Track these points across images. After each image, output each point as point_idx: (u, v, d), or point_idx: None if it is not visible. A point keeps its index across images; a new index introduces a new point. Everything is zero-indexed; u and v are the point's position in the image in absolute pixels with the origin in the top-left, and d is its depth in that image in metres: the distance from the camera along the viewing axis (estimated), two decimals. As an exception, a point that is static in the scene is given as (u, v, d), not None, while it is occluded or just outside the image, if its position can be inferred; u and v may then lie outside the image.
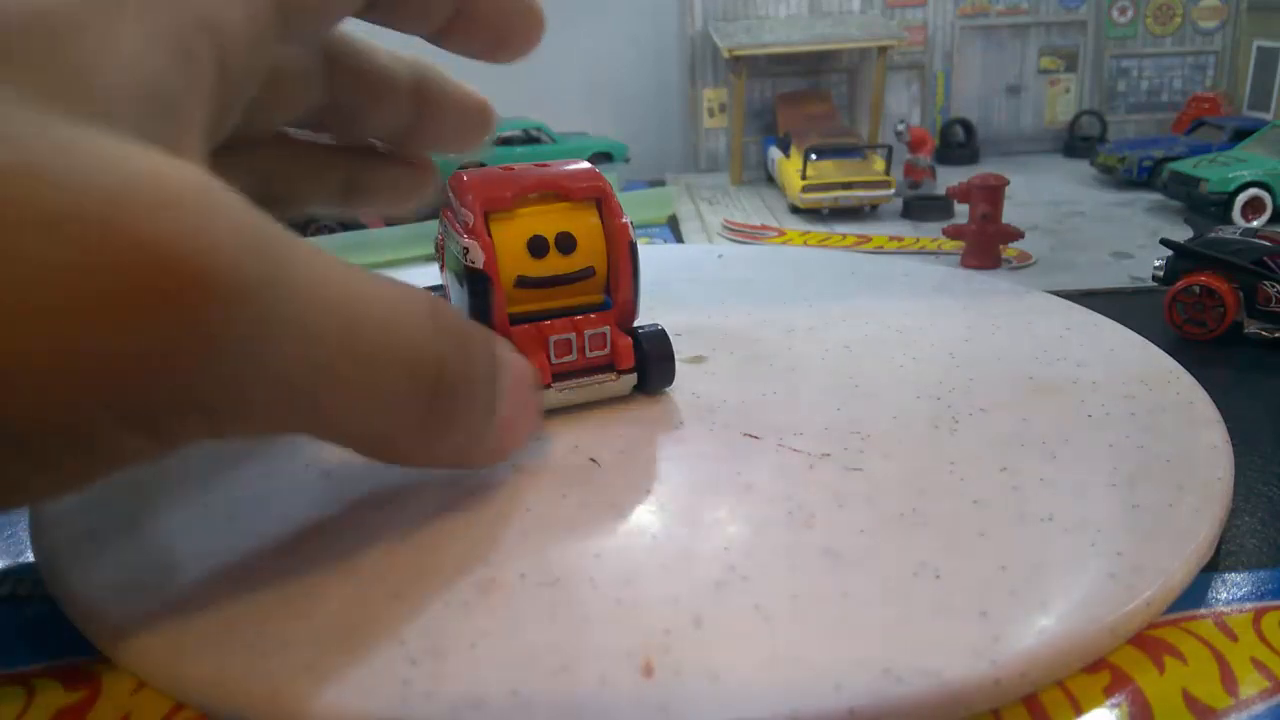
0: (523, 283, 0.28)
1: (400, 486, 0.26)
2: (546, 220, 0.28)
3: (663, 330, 0.30)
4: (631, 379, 0.29)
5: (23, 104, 0.14)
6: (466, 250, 0.27)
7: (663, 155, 0.83)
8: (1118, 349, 0.34)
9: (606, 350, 0.29)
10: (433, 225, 0.55)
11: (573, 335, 0.28)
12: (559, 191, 0.28)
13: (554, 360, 0.28)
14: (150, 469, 0.27)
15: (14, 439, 0.14)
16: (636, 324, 0.30)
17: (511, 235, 0.27)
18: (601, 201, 0.29)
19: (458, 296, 0.29)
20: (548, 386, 0.28)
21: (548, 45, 0.27)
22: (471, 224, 0.27)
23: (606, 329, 0.29)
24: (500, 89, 0.85)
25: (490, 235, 0.27)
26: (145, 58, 0.16)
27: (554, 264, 0.28)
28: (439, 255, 0.31)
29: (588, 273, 0.29)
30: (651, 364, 0.29)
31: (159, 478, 0.26)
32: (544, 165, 0.29)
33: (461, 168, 0.29)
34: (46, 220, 0.13)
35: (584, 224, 0.28)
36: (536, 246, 0.28)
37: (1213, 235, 0.40)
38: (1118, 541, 0.22)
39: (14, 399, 0.14)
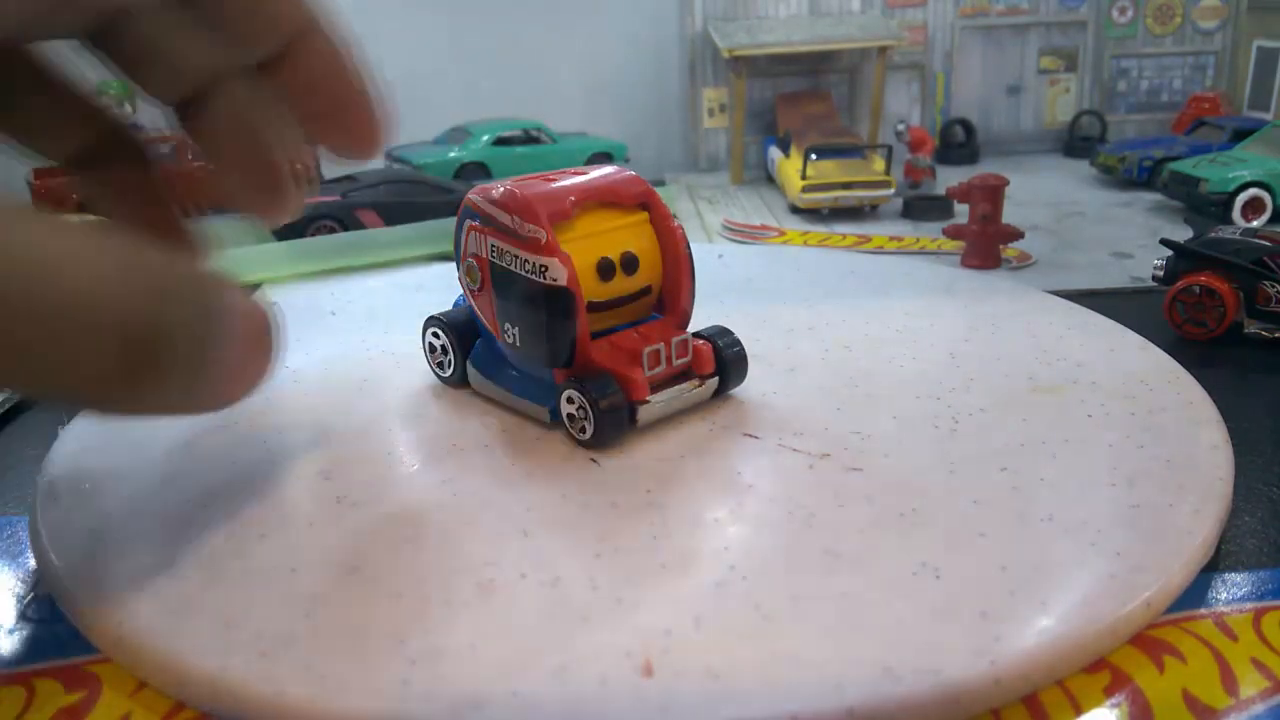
0: (592, 307, 0.27)
1: (400, 486, 0.26)
2: (610, 240, 0.28)
3: (730, 330, 0.30)
4: (714, 383, 0.29)
5: None
6: (545, 268, 0.26)
7: (663, 155, 0.83)
8: (1118, 349, 0.34)
9: (689, 358, 0.29)
10: (434, 225, 0.56)
11: (661, 345, 0.28)
12: (610, 199, 0.28)
13: (648, 371, 0.27)
14: (150, 468, 0.27)
15: None
16: (695, 328, 0.30)
17: (578, 257, 0.27)
18: (650, 206, 0.29)
19: (484, 311, 0.29)
20: (645, 401, 0.27)
21: (547, 45, 0.26)
22: (544, 241, 0.26)
23: (689, 336, 0.29)
24: (500, 89, 0.85)
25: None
26: None
27: (619, 285, 0.28)
28: (463, 269, 0.29)
29: (646, 292, 0.29)
30: (730, 365, 0.29)
31: (160, 478, 0.26)
32: (578, 172, 0.29)
33: (456, 175, 0.28)
34: None
35: (643, 241, 0.28)
36: (604, 269, 0.27)
37: (1213, 235, 0.40)
38: (1118, 541, 0.22)
39: None
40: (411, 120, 0.78)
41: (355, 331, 0.38)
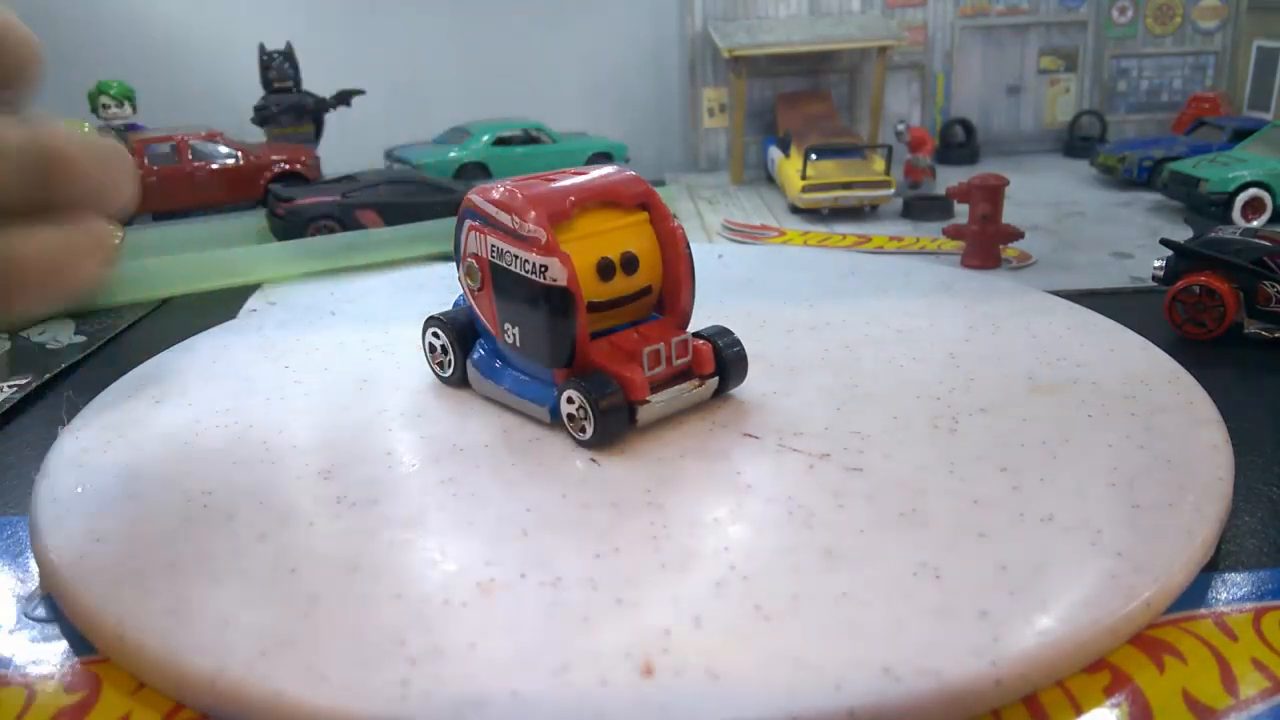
0: (592, 307, 0.27)
1: (400, 486, 0.26)
2: (610, 240, 0.28)
3: (730, 330, 0.30)
4: (714, 383, 0.29)
5: None
6: (545, 268, 0.26)
7: (663, 155, 0.83)
8: (1118, 349, 0.34)
9: (689, 358, 0.29)
10: (434, 225, 0.56)
11: (661, 345, 0.28)
12: (610, 199, 0.28)
13: (648, 371, 0.27)
14: (150, 468, 0.27)
15: None
16: (695, 328, 0.30)
17: (578, 257, 0.26)
18: (650, 206, 0.29)
19: (484, 311, 0.29)
20: (645, 401, 0.27)
21: (547, 45, 0.26)
22: (544, 241, 0.26)
23: (689, 336, 0.29)
24: (500, 89, 0.85)
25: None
26: None
27: (619, 285, 0.28)
28: (463, 269, 0.30)
29: (646, 292, 0.29)
30: (730, 365, 0.29)
31: (160, 478, 0.26)
32: (578, 172, 0.29)
33: (456, 175, 0.28)
34: None
35: (643, 241, 0.28)
36: (604, 269, 0.27)
37: (1213, 235, 0.40)
38: (1118, 541, 0.22)
39: None
40: (411, 120, 0.78)
41: (355, 331, 0.38)
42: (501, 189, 0.27)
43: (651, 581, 0.21)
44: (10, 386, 0.37)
